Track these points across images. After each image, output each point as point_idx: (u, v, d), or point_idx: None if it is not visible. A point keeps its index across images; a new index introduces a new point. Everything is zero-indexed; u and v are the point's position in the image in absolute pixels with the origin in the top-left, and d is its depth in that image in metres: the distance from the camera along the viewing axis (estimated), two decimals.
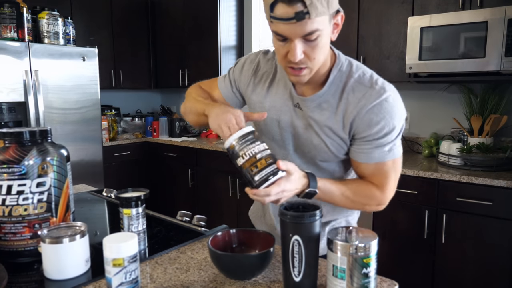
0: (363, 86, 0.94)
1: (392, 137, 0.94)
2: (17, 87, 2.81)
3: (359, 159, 0.97)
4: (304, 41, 0.84)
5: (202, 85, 1.24)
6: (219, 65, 3.55)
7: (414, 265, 2.25)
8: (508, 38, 2.00)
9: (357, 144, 0.97)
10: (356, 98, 0.93)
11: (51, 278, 0.85)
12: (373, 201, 0.99)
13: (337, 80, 0.97)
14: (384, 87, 0.93)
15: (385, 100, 0.91)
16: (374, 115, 0.92)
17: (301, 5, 0.78)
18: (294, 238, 0.75)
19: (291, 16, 0.80)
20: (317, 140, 1.00)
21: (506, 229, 1.94)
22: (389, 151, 0.95)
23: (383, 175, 0.97)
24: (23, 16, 2.84)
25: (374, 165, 0.96)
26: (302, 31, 0.82)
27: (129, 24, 3.94)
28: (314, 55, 0.87)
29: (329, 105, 0.97)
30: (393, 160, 0.96)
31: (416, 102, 2.80)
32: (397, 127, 0.93)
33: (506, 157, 2.13)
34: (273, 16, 0.82)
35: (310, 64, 0.88)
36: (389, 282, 0.85)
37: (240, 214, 3.22)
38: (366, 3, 2.58)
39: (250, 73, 1.11)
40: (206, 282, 0.85)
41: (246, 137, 0.85)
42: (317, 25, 0.82)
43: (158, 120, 4.01)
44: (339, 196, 0.97)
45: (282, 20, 0.81)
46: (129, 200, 0.97)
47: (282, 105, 1.04)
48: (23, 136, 0.94)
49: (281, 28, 0.82)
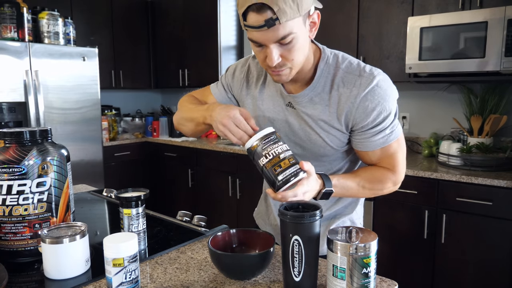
0: (352, 75, 0.96)
1: (390, 120, 0.96)
2: (17, 87, 2.81)
3: (364, 148, 0.99)
4: (280, 45, 0.86)
5: (194, 94, 1.22)
6: (219, 65, 3.55)
7: (414, 265, 2.25)
8: (508, 38, 2.00)
9: (359, 135, 0.98)
10: (347, 88, 0.95)
11: (51, 278, 0.86)
12: (389, 183, 1.01)
13: (325, 73, 0.98)
14: (373, 72, 0.95)
15: (377, 85, 0.93)
16: (368, 102, 0.93)
17: (270, 12, 0.80)
18: (294, 238, 0.75)
19: (262, 24, 0.81)
20: (313, 135, 1.01)
21: (506, 229, 1.94)
22: (391, 133, 0.97)
23: (391, 157, 0.99)
24: (23, 16, 2.84)
25: (379, 150, 0.98)
26: (274, 37, 0.84)
27: (129, 24, 3.94)
28: (292, 56, 0.89)
29: (321, 99, 0.98)
30: (397, 140, 0.98)
31: (416, 102, 2.80)
32: (393, 109, 0.96)
33: (506, 157, 2.13)
34: (246, 24, 0.84)
35: (289, 65, 0.90)
36: (389, 282, 0.85)
37: (240, 214, 3.22)
38: (366, 3, 2.58)
39: (242, 77, 1.12)
40: (206, 282, 0.85)
41: (269, 137, 0.85)
42: (289, 29, 0.83)
43: (158, 120, 4.01)
44: (356, 188, 0.99)
45: (254, 28, 0.83)
46: (129, 200, 0.97)
47: (275, 106, 1.06)
48: (23, 136, 0.94)
49: (255, 35, 0.85)
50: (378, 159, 1.00)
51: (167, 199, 3.84)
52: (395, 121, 0.98)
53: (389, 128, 0.96)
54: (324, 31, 2.76)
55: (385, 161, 1.00)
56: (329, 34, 2.70)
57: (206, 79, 3.68)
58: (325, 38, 2.75)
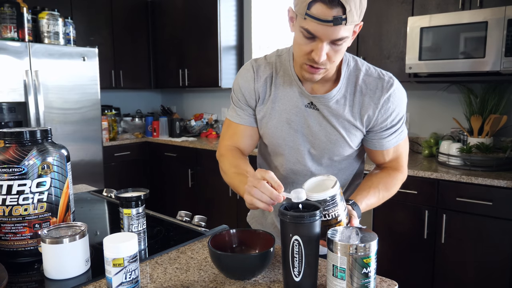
0: (373, 78, 1.01)
1: (403, 121, 1.05)
2: (17, 87, 2.81)
3: (380, 147, 1.05)
4: (331, 44, 0.87)
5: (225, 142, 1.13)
6: (219, 65, 3.55)
7: (414, 265, 2.25)
8: (508, 38, 2.00)
9: (377, 135, 1.04)
10: (370, 90, 1.00)
11: (51, 278, 0.86)
12: (399, 182, 1.09)
13: (346, 75, 1.01)
14: (391, 76, 1.03)
15: (397, 89, 1.00)
16: (390, 103, 1.00)
17: (341, 10, 0.80)
18: (294, 238, 0.75)
19: (329, 19, 0.80)
20: (335, 135, 1.03)
21: (506, 229, 1.94)
22: (401, 133, 1.06)
23: (400, 156, 1.08)
24: (23, 16, 2.84)
25: (392, 149, 1.06)
26: (334, 35, 0.83)
27: (129, 24, 3.94)
28: (335, 58, 0.90)
29: (346, 99, 1.01)
30: (404, 140, 1.08)
31: (416, 102, 2.80)
32: (404, 110, 1.05)
33: (506, 157, 2.13)
34: (309, 14, 0.82)
35: (328, 66, 0.91)
36: (389, 282, 0.85)
37: (240, 214, 3.22)
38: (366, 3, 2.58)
39: (252, 89, 1.08)
40: (206, 282, 0.85)
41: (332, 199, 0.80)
42: (347, 32, 0.85)
43: (158, 120, 4.01)
44: (377, 200, 1.04)
45: (319, 21, 0.81)
46: (129, 200, 0.97)
47: (292, 107, 1.04)
48: (23, 136, 0.94)
49: (314, 27, 0.83)
50: (390, 159, 1.08)
51: (167, 199, 3.84)
52: (405, 123, 1.07)
53: (401, 129, 1.05)
54: None
55: (395, 161, 1.08)
56: None
57: (206, 79, 3.68)
58: None
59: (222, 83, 3.57)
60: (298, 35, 0.89)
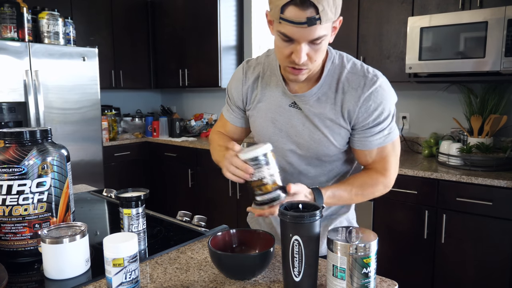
0: (357, 75, 0.98)
1: (389, 121, 0.99)
2: (17, 87, 2.81)
3: (363, 146, 1.01)
4: (309, 44, 0.86)
5: (217, 128, 1.26)
6: (219, 65, 3.55)
7: (414, 265, 2.25)
8: (508, 38, 2.00)
9: (359, 133, 1.00)
10: (352, 88, 0.97)
11: (51, 278, 0.86)
12: (379, 186, 1.04)
13: (331, 73, 1.00)
14: (376, 74, 0.98)
15: (380, 87, 0.96)
16: (372, 102, 0.96)
17: (313, 11, 0.80)
18: (294, 238, 0.75)
19: (303, 21, 0.81)
20: (318, 134, 1.02)
21: (506, 229, 1.94)
22: (388, 134, 1.00)
23: (385, 159, 1.02)
24: (23, 16, 2.84)
25: (376, 150, 1.01)
26: (311, 36, 0.83)
27: (129, 24, 3.94)
28: (316, 57, 0.90)
29: (327, 97, 1.00)
30: (392, 143, 1.01)
31: (416, 102, 2.80)
32: (392, 110, 0.99)
33: (506, 157, 2.13)
34: (283, 17, 0.82)
35: (310, 66, 0.91)
36: (389, 282, 0.85)
37: (240, 214, 3.22)
38: (366, 3, 2.58)
39: (240, 90, 1.12)
40: (206, 282, 0.85)
41: (256, 159, 0.87)
42: (324, 31, 0.84)
43: (158, 120, 4.01)
44: (349, 196, 1.02)
45: (293, 23, 0.82)
46: (129, 200, 0.97)
47: (277, 106, 1.05)
48: (23, 136, 0.94)
49: (290, 30, 0.83)
50: (373, 160, 1.03)
51: (167, 199, 3.84)
52: (393, 124, 1.01)
53: (387, 129, 1.00)
54: None
55: (379, 164, 1.03)
56: None
57: (206, 79, 3.68)
58: None
59: (222, 83, 3.56)
60: (277, 39, 0.89)
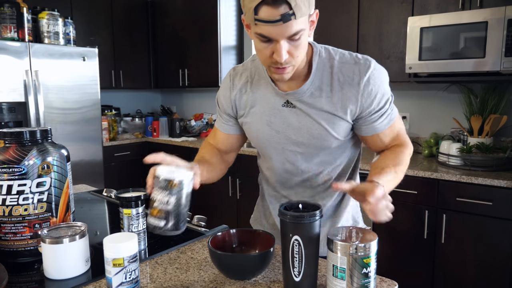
0: (349, 64, 0.99)
1: (390, 100, 1.01)
2: (17, 87, 2.81)
3: (374, 131, 1.02)
4: (289, 41, 0.86)
5: (208, 139, 1.28)
6: (219, 65, 3.55)
7: (414, 265, 2.25)
8: (508, 38, 2.00)
9: (367, 120, 1.01)
10: (348, 76, 0.98)
11: (51, 278, 0.86)
12: (409, 156, 1.05)
13: (320, 66, 1.00)
14: (367, 58, 0.99)
15: (375, 69, 0.98)
16: (371, 86, 0.97)
17: (287, 7, 0.80)
18: (294, 238, 0.75)
19: (277, 18, 0.81)
20: (316, 128, 1.01)
21: (506, 229, 1.94)
22: (391, 112, 1.03)
23: (398, 133, 1.05)
24: (23, 16, 2.84)
25: (388, 129, 1.03)
26: (288, 32, 0.83)
27: (129, 24, 3.94)
28: (298, 53, 0.89)
29: (321, 91, 0.99)
30: (397, 117, 1.05)
31: (416, 102, 2.80)
32: (389, 89, 1.02)
33: (506, 157, 2.13)
34: (258, 18, 0.83)
35: (293, 62, 0.91)
36: (389, 282, 0.85)
37: (240, 214, 3.22)
38: (366, 3, 2.58)
39: (228, 97, 1.12)
40: (206, 282, 0.85)
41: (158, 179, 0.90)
42: (301, 25, 0.84)
43: (158, 120, 4.01)
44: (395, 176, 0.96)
45: (268, 23, 0.82)
46: (129, 200, 0.98)
47: (270, 108, 1.05)
48: (23, 136, 0.94)
49: (267, 30, 0.84)
50: (389, 139, 1.04)
51: None
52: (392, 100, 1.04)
53: (390, 108, 1.02)
54: (324, 31, 2.76)
55: (396, 139, 1.05)
56: (329, 34, 2.70)
57: (206, 79, 3.68)
58: (325, 38, 2.75)
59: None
60: (256, 41, 0.89)
